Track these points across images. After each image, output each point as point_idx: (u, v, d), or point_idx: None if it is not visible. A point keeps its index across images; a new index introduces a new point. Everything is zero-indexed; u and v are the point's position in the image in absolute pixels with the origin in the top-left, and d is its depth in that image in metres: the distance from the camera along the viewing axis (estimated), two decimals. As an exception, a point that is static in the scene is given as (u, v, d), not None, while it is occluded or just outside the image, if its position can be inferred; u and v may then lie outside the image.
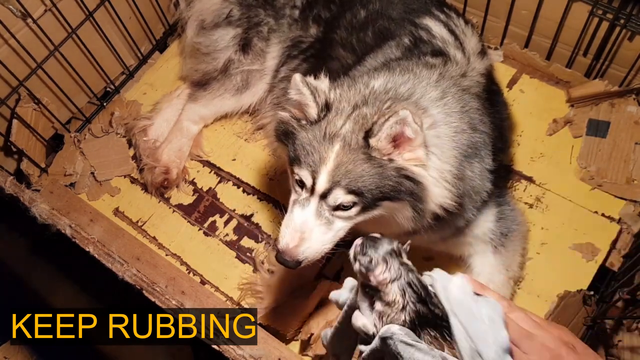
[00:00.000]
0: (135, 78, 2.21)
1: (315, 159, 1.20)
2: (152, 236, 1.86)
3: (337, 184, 1.18)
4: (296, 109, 1.26)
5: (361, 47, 1.63)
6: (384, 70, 1.38)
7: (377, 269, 0.87)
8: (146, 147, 1.95)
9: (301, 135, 1.23)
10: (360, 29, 1.66)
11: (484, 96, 1.45)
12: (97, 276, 1.50)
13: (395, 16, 1.64)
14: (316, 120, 1.22)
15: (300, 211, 1.23)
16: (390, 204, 1.22)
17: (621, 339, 1.46)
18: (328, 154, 1.18)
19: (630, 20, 1.76)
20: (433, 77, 1.36)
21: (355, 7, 1.71)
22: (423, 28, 1.56)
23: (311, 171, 1.20)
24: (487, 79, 1.51)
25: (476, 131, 1.35)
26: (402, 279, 0.87)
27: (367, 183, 1.18)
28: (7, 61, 1.77)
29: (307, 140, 1.22)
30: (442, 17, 1.60)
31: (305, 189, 1.23)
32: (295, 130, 1.25)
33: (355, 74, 1.48)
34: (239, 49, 1.90)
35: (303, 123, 1.25)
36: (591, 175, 1.79)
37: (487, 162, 1.38)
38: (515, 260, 1.58)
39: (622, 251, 1.67)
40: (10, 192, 1.54)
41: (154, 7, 2.20)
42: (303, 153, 1.22)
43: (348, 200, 1.19)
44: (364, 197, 1.19)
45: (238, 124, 2.05)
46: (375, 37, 1.62)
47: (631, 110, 1.87)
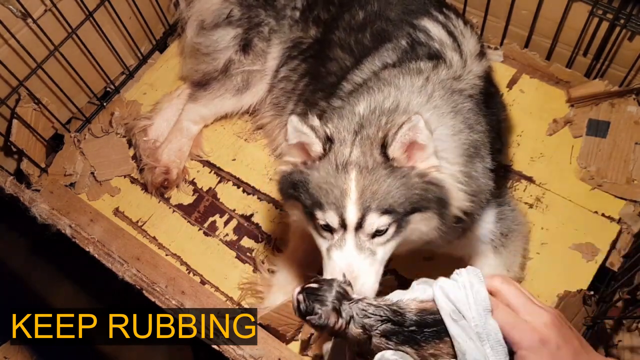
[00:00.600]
0: (135, 78, 2.21)
1: (336, 194, 1.14)
2: (152, 236, 1.86)
3: (368, 209, 1.13)
4: (299, 152, 1.22)
5: (359, 48, 1.63)
6: (362, 93, 1.36)
7: (330, 323, 0.88)
8: (146, 147, 1.95)
9: (313, 177, 1.18)
10: (359, 30, 1.66)
11: (479, 98, 1.44)
12: (97, 276, 1.50)
13: (394, 17, 1.63)
14: (323, 154, 1.18)
15: (340, 253, 1.16)
16: (420, 215, 1.19)
17: (621, 339, 1.46)
18: (348, 184, 1.14)
19: (630, 20, 1.76)
20: (417, 84, 1.35)
21: (354, 8, 1.71)
22: (421, 30, 1.55)
23: (336, 208, 1.15)
24: (484, 81, 1.51)
25: (473, 130, 1.34)
26: (356, 316, 0.89)
27: (397, 197, 1.14)
28: (7, 61, 1.77)
29: (321, 179, 1.17)
30: (441, 18, 1.60)
31: (336, 230, 1.17)
32: (304, 176, 1.20)
33: (339, 104, 1.45)
34: (240, 49, 1.90)
35: (310, 164, 1.21)
36: (591, 175, 1.79)
37: (487, 161, 1.37)
38: (516, 260, 1.58)
39: (622, 251, 1.67)
40: (10, 192, 1.54)
41: (154, 7, 2.20)
42: (321, 194, 1.16)
43: (383, 222, 1.15)
44: (396, 214, 1.15)
45: (238, 124, 2.05)
46: (373, 39, 1.61)
47: (631, 110, 1.87)
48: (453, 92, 1.37)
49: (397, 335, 0.87)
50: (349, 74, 1.57)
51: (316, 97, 1.71)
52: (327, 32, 1.75)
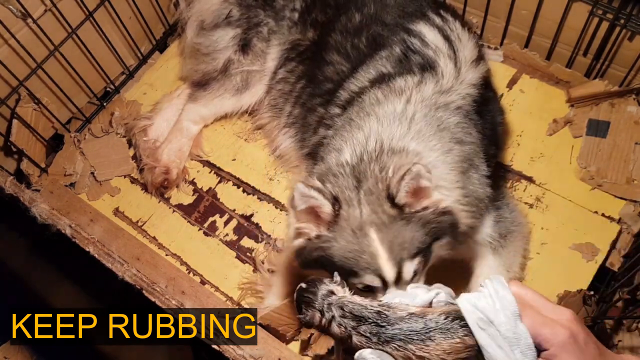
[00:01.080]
0: (135, 78, 2.21)
1: (367, 259, 1.15)
2: (152, 236, 1.86)
3: (402, 261, 1.15)
4: (308, 216, 1.20)
5: (355, 54, 1.62)
6: (342, 136, 1.36)
7: (315, 321, 0.98)
8: (146, 147, 1.95)
9: (334, 250, 1.17)
10: (355, 34, 1.65)
11: (469, 108, 1.44)
12: (97, 276, 1.50)
13: (389, 21, 1.62)
14: (334, 217, 1.17)
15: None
16: (438, 243, 1.22)
17: (621, 339, 1.46)
18: (374, 245, 1.14)
19: (630, 20, 1.76)
20: (398, 108, 1.34)
21: (351, 10, 1.70)
22: (416, 35, 1.54)
23: (372, 271, 1.15)
24: (479, 88, 1.49)
25: (463, 143, 1.34)
26: (337, 316, 0.95)
27: (420, 238, 1.16)
28: (7, 61, 1.77)
29: (345, 249, 1.16)
30: (438, 21, 1.58)
31: (378, 289, 1.18)
32: (324, 251, 1.18)
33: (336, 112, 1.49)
34: (239, 50, 1.90)
35: (324, 234, 1.19)
36: (591, 175, 1.79)
37: (482, 168, 1.38)
38: (516, 261, 1.57)
39: (622, 251, 1.67)
40: (10, 192, 1.54)
41: (154, 7, 2.20)
42: (351, 263, 1.16)
43: (416, 264, 1.17)
44: (423, 251, 1.18)
45: (238, 124, 2.05)
46: (368, 45, 1.60)
47: (631, 110, 1.87)
48: (437, 109, 1.36)
49: (379, 335, 0.89)
50: (346, 82, 1.56)
51: (314, 102, 1.71)
52: (324, 34, 1.75)
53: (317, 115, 1.68)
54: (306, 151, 1.74)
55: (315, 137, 1.67)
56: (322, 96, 1.68)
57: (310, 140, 1.71)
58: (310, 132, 1.72)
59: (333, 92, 1.60)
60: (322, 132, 1.62)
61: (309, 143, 1.72)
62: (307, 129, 1.74)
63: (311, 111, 1.71)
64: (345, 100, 1.54)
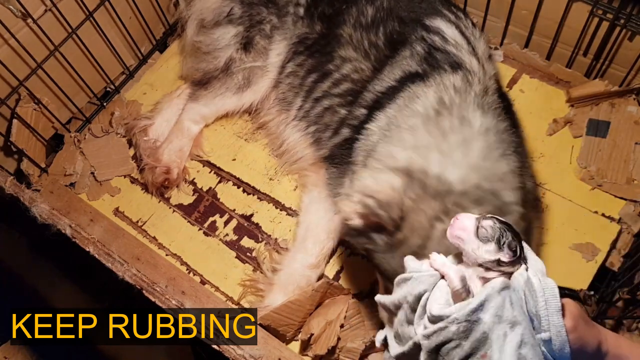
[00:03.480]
0: (135, 78, 2.21)
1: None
2: (152, 236, 1.86)
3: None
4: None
5: (374, 53, 1.60)
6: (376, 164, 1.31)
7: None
8: (147, 147, 1.95)
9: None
10: (370, 30, 1.63)
11: (501, 105, 1.42)
12: (97, 276, 1.50)
13: (405, 17, 1.60)
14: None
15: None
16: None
17: (621, 339, 1.46)
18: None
19: (630, 20, 1.76)
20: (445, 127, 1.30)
21: (361, 2, 1.68)
22: (435, 32, 1.52)
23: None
24: (498, 84, 1.48)
25: (515, 150, 1.34)
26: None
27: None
28: (7, 61, 1.77)
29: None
30: (452, 17, 1.57)
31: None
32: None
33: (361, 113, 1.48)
34: (241, 48, 1.90)
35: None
36: (591, 175, 1.79)
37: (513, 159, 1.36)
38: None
39: (622, 251, 1.67)
40: (10, 192, 1.54)
41: (154, 7, 2.20)
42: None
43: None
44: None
45: (238, 124, 2.05)
46: (388, 43, 1.58)
47: (631, 110, 1.87)
48: (489, 115, 1.33)
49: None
50: (370, 84, 1.54)
51: (333, 102, 1.68)
52: (332, 26, 1.73)
53: (338, 116, 1.65)
54: (325, 152, 1.70)
55: (337, 137, 1.65)
56: (341, 96, 1.65)
57: (330, 141, 1.68)
58: (329, 132, 1.69)
59: (355, 93, 1.58)
60: (345, 133, 1.60)
61: (328, 144, 1.69)
62: (325, 129, 1.71)
63: (330, 111, 1.69)
64: (371, 100, 1.52)
